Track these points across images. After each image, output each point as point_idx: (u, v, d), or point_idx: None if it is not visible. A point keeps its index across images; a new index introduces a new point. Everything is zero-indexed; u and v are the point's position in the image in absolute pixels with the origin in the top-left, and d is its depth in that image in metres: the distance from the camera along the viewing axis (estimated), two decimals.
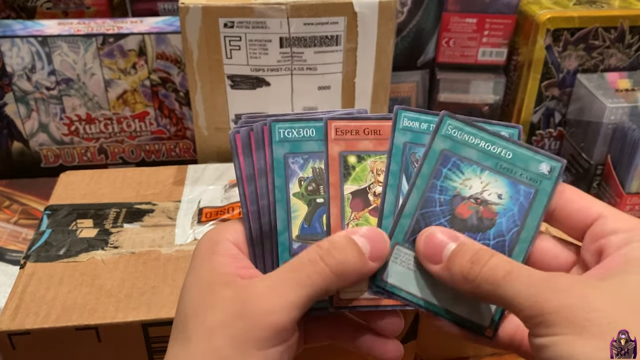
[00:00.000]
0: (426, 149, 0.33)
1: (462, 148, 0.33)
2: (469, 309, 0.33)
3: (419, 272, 0.33)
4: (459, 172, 0.33)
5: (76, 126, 0.66)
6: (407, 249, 0.33)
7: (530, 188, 0.33)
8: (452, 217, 0.33)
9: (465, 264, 0.30)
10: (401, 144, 0.33)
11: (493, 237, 0.32)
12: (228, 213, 0.50)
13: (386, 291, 0.33)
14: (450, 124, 0.33)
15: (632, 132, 0.62)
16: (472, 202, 0.33)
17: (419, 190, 0.33)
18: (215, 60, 0.56)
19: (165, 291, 0.43)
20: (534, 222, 0.33)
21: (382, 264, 0.32)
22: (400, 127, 0.34)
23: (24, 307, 0.41)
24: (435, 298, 0.33)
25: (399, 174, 0.33)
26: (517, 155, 0.33)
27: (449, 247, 0.31)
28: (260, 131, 0.34)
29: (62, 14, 0.71)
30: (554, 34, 0.66)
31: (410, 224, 0.33)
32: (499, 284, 0.28)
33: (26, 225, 0.61)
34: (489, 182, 0.33)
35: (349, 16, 0.55)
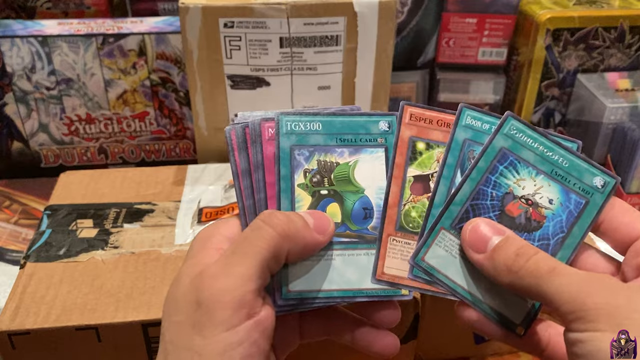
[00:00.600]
0: (486, 144, 0.34)
1: (521, 149, 0.34)
2: (503, 303, 0.33)
3: (460, 259, 0.33)
4: (514, 171, 0.34)
5: (76, 126, 0.66)
6: (453, 235, 0.34)
7: (582, 198, 0.34)
8: (501, 213, 0.34)
9: (510, 256, 0.30)
10: (461, 139, 0.35)
11: (538, 239, 0.33)
12: (228, 213, 0.50)
13: (425, 271, 0.34)
14: (513, 124, 0.34)
15: (632, 132, 0.63)
16: (523, 202, 0.34)
17: (472, 182, 0.34)
18: (215, 60, 0.56)
19: (165, 291, 0.42)
20: (580, 232, 0.33)
21: (329, 239, 0.33)
22: (462, 123, 0.35)
23: (24, 307, 0.41)
24: (472, 287, 0.33)
25: (454, 167, 0.34)
26: (574, 165, 0.34)
27: (495, 239, 0.32)
28: (257, 127, 0.35)
29: (62, 14, 0.71)
30: (554, 34, 0.66)
31: (460, 211, 0.33)
32: (542, 278, 0.29)
33: (26, 225, 0.61)
34: (542, 186, 0.34)
35: (349, 16, 0.55)
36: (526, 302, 0.33)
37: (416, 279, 0.34)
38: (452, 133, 0.35)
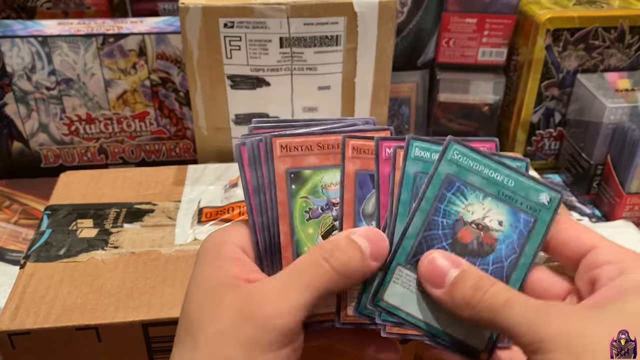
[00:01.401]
0: (431, 172, 0.34)
1: (467, 174, 0.34)
2: (466, 332, 0.33)
3: (419, 294, 0.33)
4: (462, 197, 0.34)
5: (76, 126, 0.67)
6: (409, 270, 0.33)
7: (530, 217, 0.33)
8: (453, 241, 0.33)
9: (468, 291, 0.31)
10: (412, 173, 0.34)
11: (492, 263, 0.33)
12: (228, 213, 0.50)
13: (387, 311, 0.33)
14: (456, 149, 0.34)
15: (632, 132, 0.63)
16: (474, 228, 0.33)
17: (422, 213, 0.33)
18: (215, 60, 0.56)
19: (165, 291, 0.43)
20: (532, 250, 0.33)
21: (382, 263, 0.33)
22: (412, 156, 0.34)
23: (24, 307, 0.41)
24: (434, 320, 0.33)
25: (409, 204, 0.34)
26: (519, 184, 0.34)
27: (452, 272, 0.32)
28: (269, 143, 0.34)
29: (62, 14, 0.71)
30: (554, 34, 0.66)
31: (413, 245, 0.33)
32: (499, 311, 0.29)
33: (26, 225, 0.61)
34: (491, 209, 0.34)
35: (349, 16, 0.55)
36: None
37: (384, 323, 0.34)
38: (402, 167, 0.34)
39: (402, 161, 0.34)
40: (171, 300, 0.42)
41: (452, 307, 0.31)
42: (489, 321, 0.30)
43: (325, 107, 0.60)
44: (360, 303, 0.34)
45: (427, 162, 0.34)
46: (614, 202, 0.66)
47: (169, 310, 0.41)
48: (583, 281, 0.32)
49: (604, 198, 0.68)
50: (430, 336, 0.33)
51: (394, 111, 0.74)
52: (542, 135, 0.74)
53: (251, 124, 0.36)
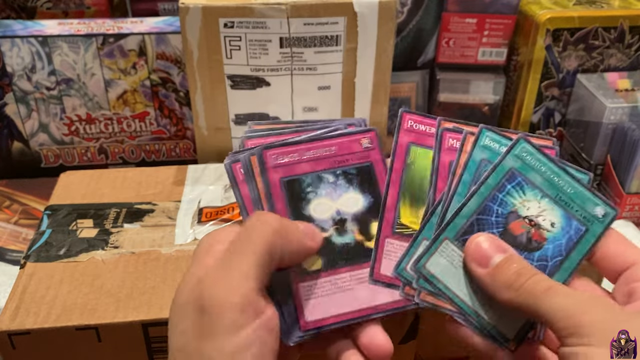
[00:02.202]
0: (496, 162, 0.35)
1: (530, 171, 0.35)
2: (499, 317, 0.34)
3: (460, 271, 0.34)
4: (521, 191, 0.35)
5: (76, 126, 0.67)
6: (456, 246, 0.34)
7: (582, 225, 0.35)
8: (504, 230, 0.35)
9: (511, 275, 0.31)
10: (478, 159, 0.36)
11: (537, 259, 0.34)
12: (228, 213, 0.50)
13: (425, 278, 0.34)
14: (524, 146, 0.35)
15: (632, 132, 0.63)
16: (526, 222, 0.35)
17: (480, 197, 0.35)
18: (215, 60, 0.56)
19: (165, 291, 0.43)
20: (578, 257, 0.34)
21: (318, 248, 0.34)
22: (481, 143, 0.36)
23: (24, 307, 0.41)
24: (469, 299, 0.34)
25: (469, 185, 0.35)
26: (578, 192, 0.35)
27: (498, 256, 0.33)
28: (261, 156, 0.35)
29: (62, 14, 0.71)
30: (554, 34, 0.66)
31: (464, 224, 0.34)
32: (539, 297, 0.30)
33: (26, 225, 0.61)
34: (546, 209, 0.35)
35: (349, 16, 0.55)
36: (520, 318, 0.34)
37: (406, 295, 0.35)
38: (470, 152, 0.36)
39: (470, 146, 0.36)
40: (171, 300, 0.42)
41: (492, 288, 0.32)
42: (528, 306, 0.30)
43: (325, 107, 0.60)
44: (400, 265, 0.35)
45: (494, 153, 0.36)
46: (614, 202, 0.66)
47: (169, 311, 0.41)
48: (620, 293, 0.33)
49: None
50: (462, 314, 0.34)
51: (394, 111, 0.74)
52: (542, 135, 0.74)
53: (244, 133, 0.37)
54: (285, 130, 0.37)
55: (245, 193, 0.35)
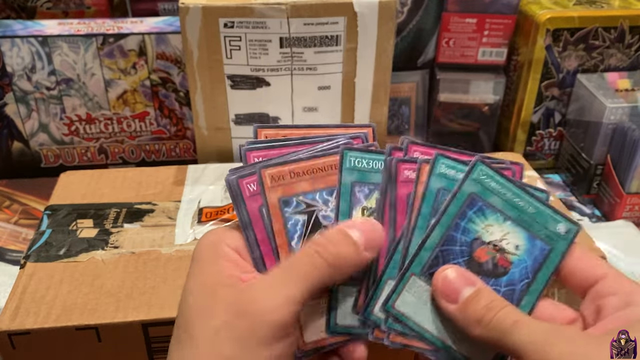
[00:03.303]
0: (455, 189, 0.34)
1: (490, 195, 0.34)
2: (471, 350, 0.34)
3: (429, 306, 0.34)
4: (483, 216, 0.34)
5: (76, 126, 0.67)
6: (423, 281, 0.34)
7: (547, 245, 0.34)
8: (469, 259, 0.34)
9: (480, 310, 0.31)
10: (435, 189, 0.35)
11: (504, 285, 0.34)
12: (228, 213, 0.50)
13: (395, 318, 0.34)
14: (482, 169, 0.34)
15: (632, 132, 0.63)
16: (491, 248, 0.34)
17: (442, 227, 0.34)
18: (215, 60, 0.56)
19: (165, 291, 0.43)
20: (545, 277, 0.34)
21: (376, 255, 0.33)
22: (437, 172, 0.35)
23: (24, 307, 0.41)
24: (441, 333, 0.34)
25: (428, 217, 0.34)
26: (539, 212, 0.34)
27: (467, 290, 0.32)
28: (259, 175, 0.34)
29: (62, 14, 0.71)
30: (554, 34, 0.66)
31: (429, 257, 0.34)
32: (508, 331, 0.30)
33: (26, 225, 0.61)
34: (509, 232, 0.34)
35: (349, 16, 0.55)
36: (492, 350, 0.34)
37: (376, 339, 0.34)
38: (426, 182, 0.35)
39: (426, 176, 0.35)
40: (171, 300, 0.42)
41: (463, 323, 0.32)
42: (498, 340, 0.30)
43: (325, 107, 0.60)
44: (367, 309, 0.34)
45: (451, 180, 0.35)
46: (614, 202, 0.66)
47: (169, 310, 0.41)
48: (589, 310, 0.33)
49: (604, 198, 0.68)
50: (435, 350, 0.34)
51: (394, 111, 0.74)
52: (542, 135, 0.74)
53: (244, 145, 0.36)
54: (287, 143, 0.37)
55: (250, 208, 0.35)
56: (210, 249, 0.33)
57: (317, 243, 0.32)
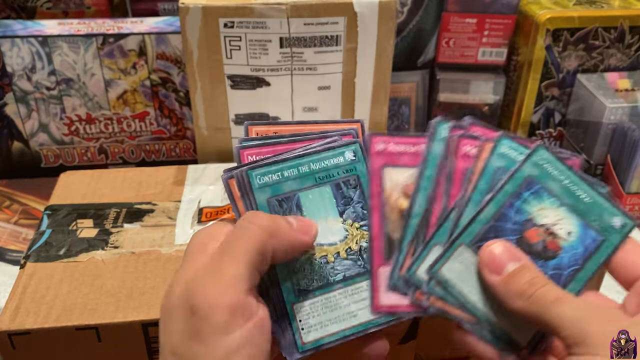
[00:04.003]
0: (515, 169, 0.35)
1: (548, 179, 0.35)
2: (511, 325, 0.34)
3: (474, 277, 0.34)
4: (539, 199, 0.35)
5: (76, 126, 0.67)
6: (471, 252, 0.34)
7: (599, 236, 0.35)
8: (520, 238, 0.34)
9: (523, 283, 0.32)
10: (495, 167, 0.35)
11: (552, 268, 0.34)
12: (228, 213, 0.50)
13: (439, 283, 0.34)
14: (543, 154, 0.35)
15: (632, 132, 0.63)
16: (543, 231, 0.35)
17: (497, 204, 0.34)
18: (215, 60, 0.56)
19: (165, 291, 0.43)
20: (593, 267, 0.34)
21: (313, 241, 0.34)
22: (498, 151, 0.36)
23: (24, 307, 0.41)
24: (482, 305, 0.34)
25: (484, 193, 0.35)
26: (596, 202, 0.35)
27: (511, 264, 0.33)
28: (245, 177, 0.35)
29: (62, 14, 0.71)
30: (554, 34, 0.66)
31: (481, 230, 0.34)
32: (547, 306, 0.30)
33: (26, 225, 0.61)
34: (563, 218, 0.35)
35: (349, 16, 0.55)
36: (532, 326, 0.34)
37: (416, 301, 0.35)
38: (487, 159, 0.35)
39: (487, 154, 0.35)
40: None
41: (504, 296, 0.32)
42: (538, 315, 0.31)
43: (325, 107, 0.60)
44: (411, 269, 0.35)
45: (511, 161, 0.35)
46: None
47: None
48: (631, 303, 0.33)
49: None
50: (474, 321, 0.34)
51: (394, 111, 0.74)
52: (542, 135, 0.74)
53: (238, 143, 0.37)
54: (280, 140, 0.37)
55: (242, 209, 0.35)
56: (198, 247, 0.33)
57: (247, 214, 0.32)
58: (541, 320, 0.30)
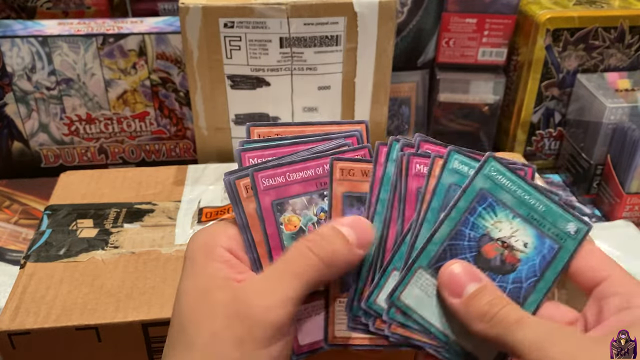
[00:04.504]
0: (466, 184, 0.34)
1: (500, 191, 0.34)
2: (474, 346, 0.34)
3: (434, 300, 0.34)
4: (492, 213, 0.34)
5: (76, 126, 0.67)
6: (430, 275, 0.34)
7: (555, 244, 0.34)
8: (477, 255, 0.34)
9: (484, 305, 0.31)
10: (447, 184, 0.35)
11: (511, 282, 0.34)
12: (228, 213, 0.50)
13: (400, 310, 0.34)
14: (493, 166, 0.35)
15: (632, 132, 0.63)
16: (499, 245, 0.34)
17: (451, 222, 0.34)
18: (215, 60, 0.56)
19: (165, 291, 0.43)
20: (552, 276, 0.34)
21: (368, 251, 0.33)
22: (450, 167, 0.35)
23: (24, 307, 0.41)
24: (445, 327, 0.34)
25: (438, 211, 0.34)
26: (549, 210, 0.34)
27: (471, 285, 0.32)
28: (252, 178, 0.34)
29: (62, 14, 0.71)
30: (554, 34, 0.66)
31: (437, 251, 0.34)
32: (509, 329, 0.30)
33: (26, 225, 0.61)
34: (518, 229, 0.34)
35: (349, 16, 0.55)
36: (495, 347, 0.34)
37: (374, 331, 0.34)
38: (438, 176, 0.35)
39: (439, 170, 0.35)
40: (171, 300, 0.42)
41: (465, 318, 0.32)
42: (499, 337, 0.30)
43: (325, 107, 0.60)
44: (370, 298, 0.34)
45: (463, 176, 0.35)
46: (614, 202, 0.66)
47: (169, 311, 0.41)
48: (591, 311, 0.33)
49: (604, 198, 0.68)
50: (438, 344, 0.34)
51: (394, 111, 0.74)
52: (542, 135, 0.74)
53: (239, 146, 0.36)
54: (282, 142, 0.37)
55: (247, 210, 0.35)
56: (203, 250, 0.33)
57: (309, 240, 0.32)
58: (502, 343, 0.30)
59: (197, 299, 0.31)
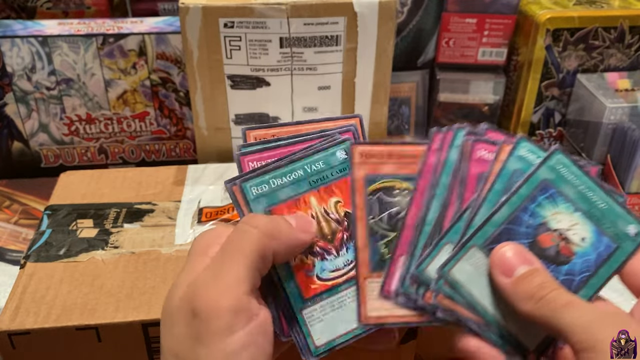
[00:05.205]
0: (530, 173, 0.35)
1: (563, 184, 0.35)
2: (520, 328, 0.34)
3: (485, 279, 0.34)
4: (553, 203, 0.35)
5: (76, 126, 0.67)
6: (483, 254, 0.34)
7: (613, 243, 0.34)
8: (533, 242, 0.34)
9: (534, 287, 0.31)
10: (512, 169, 0.35)
11: (564, 274, 0.34)
12: (228, 213, 0.50)
13: (449, 284, 0.34)
14: (559, 158, 0.35)
15: (632, 132, 0.63)
16: (556, 235, 0.34)
17: (511, 207, 0.34)
18: (215, 60, 0.56)
19: (165, 291, 0.42)
20: (606, 274, 0.34)
21: (312, 239, 0.34)
22: (517, 154, 0.35)
23: (24, 307, 0.41)
24: (492, 307, 0.34)
25: (500, 194, 0.35)
26: (611, 209, 0.35)
27: (522, 267, 0.32)
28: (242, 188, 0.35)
29: (62, 14, 0.71)
30: (554, 34, 0.66)
31: (494, 233, 0.34)
32: (558, 310, 0.30)
33: (26, 225, 0.61)
34: (577, 223, 0.35)
35: (349, 16, 0.55)
36: (541, 331, 0.34)
37: (422, 305, 0.34)
38: (504, 160, 0.35)
39: (506, 155, 0.35)
40: None
41: (513, 298, 0.32)
42: (547, 319, 0.30)
43: (325, 107, 0.60)
44: (421, 266, 0.34)
45: (529, 164, 0.35)
46: None
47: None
48: (639, 310, 0.32)
49: None
50: (482, 323, 0.34)
51: (394, 111, 0.74)
52: (542, 135, 0.74)
53: (237, 150, 0.37)
54: (279, 143, 0.37)
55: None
56: (201, 247, 0.33)
57: (246, 217, 0.32)
58: (550, 324, 0.30)
59: (167, 302, 0.31)
